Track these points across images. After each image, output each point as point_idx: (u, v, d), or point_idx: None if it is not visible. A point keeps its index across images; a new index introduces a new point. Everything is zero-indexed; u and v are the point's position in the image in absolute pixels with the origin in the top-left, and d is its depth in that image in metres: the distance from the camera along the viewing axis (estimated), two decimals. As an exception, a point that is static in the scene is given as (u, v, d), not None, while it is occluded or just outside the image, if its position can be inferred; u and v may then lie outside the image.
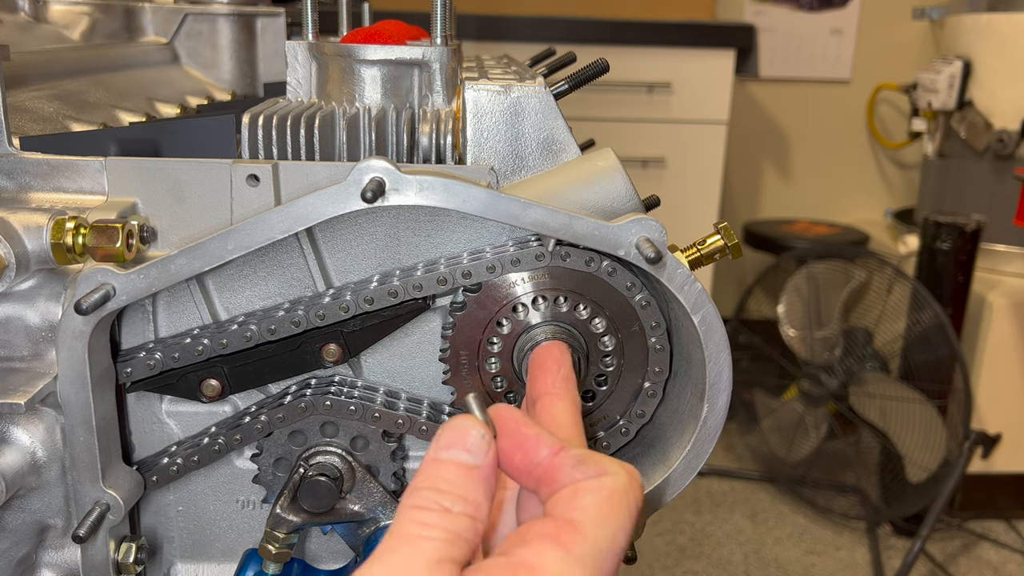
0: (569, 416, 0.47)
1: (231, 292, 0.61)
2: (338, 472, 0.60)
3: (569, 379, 0.50)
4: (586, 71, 0.66)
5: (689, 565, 2.15)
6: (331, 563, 0.67)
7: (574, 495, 0.39)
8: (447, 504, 0.37)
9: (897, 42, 3.11)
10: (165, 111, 0.93)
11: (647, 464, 0.62)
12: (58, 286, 0.58)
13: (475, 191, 0.54)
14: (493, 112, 0.60)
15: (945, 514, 2.29)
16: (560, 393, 0.48)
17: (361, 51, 0.67)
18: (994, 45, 2.35)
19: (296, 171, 0.57)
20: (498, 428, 0.41)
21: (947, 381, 2.16)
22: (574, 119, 0.67)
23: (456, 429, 0.39)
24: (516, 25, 2.38)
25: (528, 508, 0.43)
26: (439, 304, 0.62)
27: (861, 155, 3.24)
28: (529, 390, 0.50)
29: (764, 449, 2.50)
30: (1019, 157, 2.32)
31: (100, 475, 0.56)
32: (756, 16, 3.06)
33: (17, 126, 0.70)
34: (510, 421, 0.41)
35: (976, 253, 2.11)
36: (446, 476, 0.38)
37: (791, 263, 2.45)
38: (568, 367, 0.50)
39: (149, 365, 0.58)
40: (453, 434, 0.39)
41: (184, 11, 1.09)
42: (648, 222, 0.54)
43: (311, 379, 0.62)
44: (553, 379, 0.49)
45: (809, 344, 2.32)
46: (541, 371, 0.50)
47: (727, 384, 0.57)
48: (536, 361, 0.52)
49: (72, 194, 0.59)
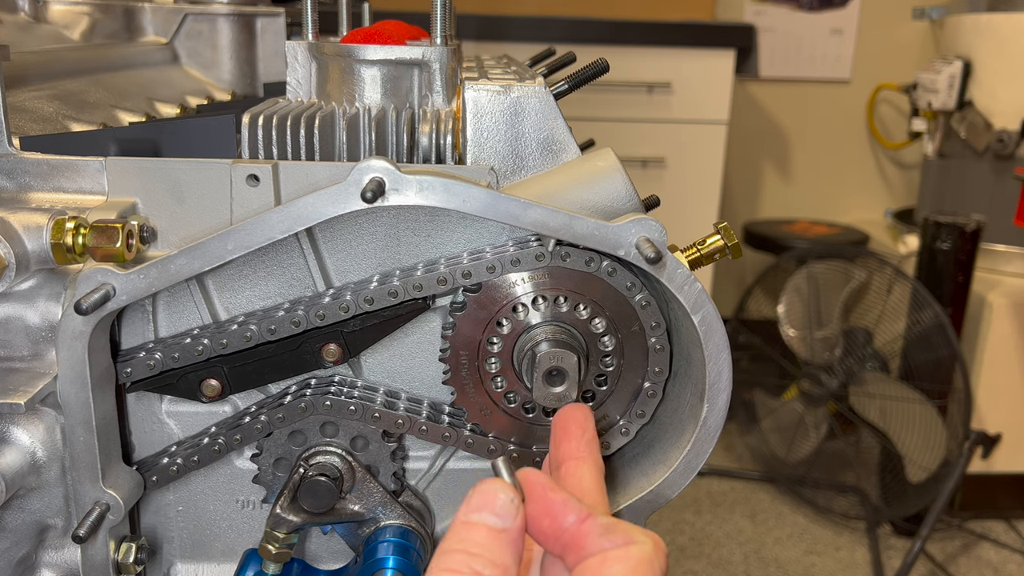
0: (594, 481, 0.47)
1: (231, 292, 0.61)
2: (338, 472, 0.60)
3: (593, 442, 0.50)
4: (586, 71, 0.66)
5: (689, 565, 2.15)
6: (331, 563, 0.67)
7: (602, 564, 0.39)
8: (478, 568, 0.38)
9: (897, 42, 3.11)
10: (165, 111, 0.93)
11: (647, 464, 0.62)
12: (58, 286, 0.58)
13: (475, 191, 0.54)
14: (493, 112, 0.60)
15: (945, 514, 2.29)
16: (585, 457, 0.49)
17: (361, 51, 0.67)
18: (994, 45, 2.35)
19: (296, 171, 0.57)
20: (526, 492, 0.41)
21: (947, 381, 2.16)
22: (574, 119, 0.67)
23: (485, 493, 0.40)
24: (516, 25, 2.38)
25: (553, 573, 0.43)
26: (439, 304, 0.62)
27: (861, 155, 3.24)
28: (553, 453, 0.51)
29: (764, 449, 2.50)
30: (1019, 157, 2.32)
31: (100, 475, 0.56)
32: (756, 16, 3.06)
33: (17, 126, 0.70)
34: (538, 486, 0.42)
35: (976, 253, 2.11)
36: (476, 539, 0.39)
37: (791, 263, 2.45)
38: (592, 430, 0.51)
39: (149, 365, 0.58)
40: (482, 498, 0.40)
41: (184, 11, 1.09)
42: (648, 222, 0.54)
43: (311, 379, 0.62)
44: (578, 443, 0.50)
45: (809, 344, 2.32)
46: (565, 434, 0.50)
47: (727, 384, 0.57)
48: (560, 424, 0.52)
49: (72, 194, 0.59)
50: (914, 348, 2.18)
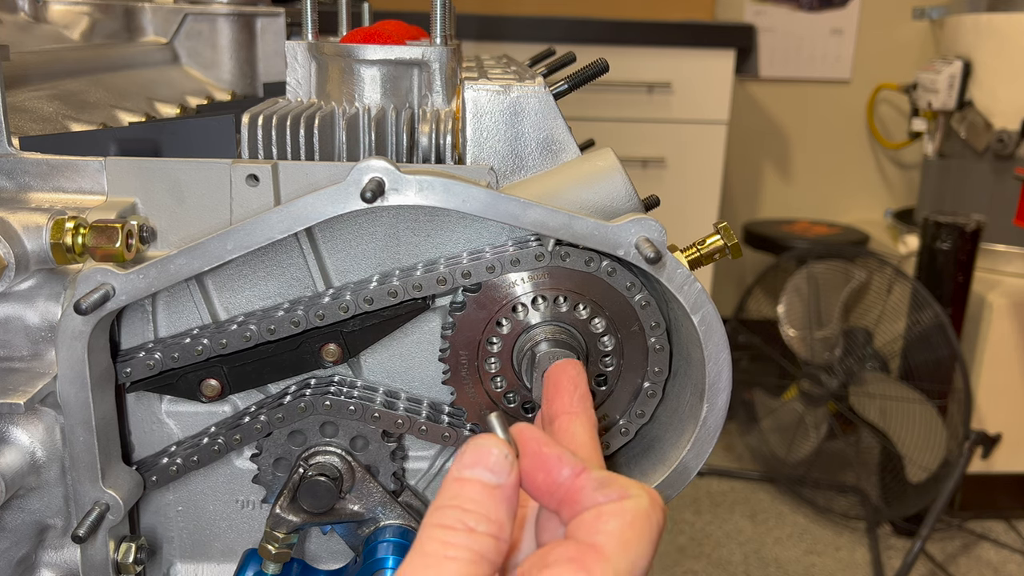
0: (588, 436, 0.47)
1: (231, 292, 0.61)
2: (338, 472, 0.60)
3: (586, 398, 0.49)
4: (586, 71, 0.66)
5: (689, 565, 2.15)
6: (331, 563, 0.67)
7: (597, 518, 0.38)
8: (471, 523, 0.37)
9: (897, 42, 3.11)
10: (165, 111, 0.93)
11: (647, 464, 0.62)
12: (58, 286, 0.58)
13: (475, 191, 0.54)
14: (493, 112, 0.60)
15: (945, 514, 2.29)
16: (578, 412, 0.48)
17: (361, 51, 0.67)
18: (994, 45, 2.35)
19: (296, 171, 0.57)
20: (520, 448, 0.41)
21: (947, 381, 2.15)
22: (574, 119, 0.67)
23: (478, 448, 0.39)
24: (516, 25, 2.38)
25: (548, 528, 0.43)
26: (439, 304, 0.62)
27: (861, 155, 3.24)
28: (545, 409, 0.50)
29: (764, 449, 2.50)
30: (1019, 157, 2.32)
31: (100, 475, 0.56)
32: (756, 16, 3.06)
33: (17, 126, 0.70)
34: (532, 441, 0.41)
35: (976, 253, 2.11)
36: (470, 495, 0.38)
37: (791, 263, 2.45)
38: (584, 386, 0.50)
39: (149, 365, 0.58)
40: (476, 453, 0.39)
41: (184, 11, 1.09)
42: (648, 222, 0.54)
43: (311, 379, 0.62)
44: (570, 398, 0.49)
45: (809, 344, 2.32)
46: (557, 390, 0.50)
47: (727, 384, 0.57)
48: (551, 380, 0.51)
49: (72, 194, 0.59)
50: (914, 348, 2.18)
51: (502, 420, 0.41)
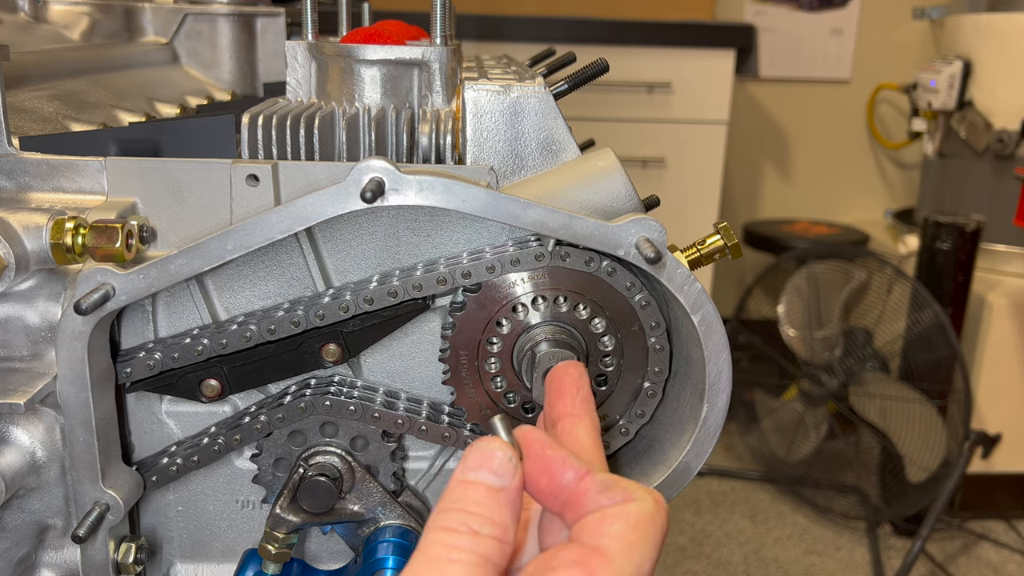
0: (591, 438, 0.47)
1: (231, 292, 0.61)
2: (338, 472, 0.60)
3: (588, 400, 0.49)
4: (586, 71, 0.66)
5: (689, 565, 2.15)
6: (331, 563, 0.67)
7: (601, 522, 0.38)
8: (475, 526, 0.37)
9: (897, 42, 3.11)
10: (165, 111, 0.93)
11: (647, 464, 0.62)
12: (58, 286, 0.58)
13: (475, 191, 0.54)
14: (493, 112, 0.60)
15: (945, 514, 2.29)
16: (581, 414, 0.48)
17: (361, 51, 0.67)
18: (994, 45, 2.35)
19: (296, 171, 0.57)
20: (524, 450, 0.41)
21: (947, 381, 2.15)
22: (574, 119, 0.67)
23: (483, 451, 0.39)
24: (516, 25, 2.38)
25: (551, 531, 0.43)
26: (439, 304, 0.62)
27: (861, 155, 3.24)
28: (548, 411, 0.50)
29: (764, 449, 2.50)
30: (1019, 157, 2.32)
31: (100, 475, 0.56)
32: (756, 16, 3.06)
33: (17, 126, 0.70)
34: (536, 444, 0.41)
35: (976, 253, 2.11)
36: (474, 498, 0.38)
37: (791, 263, 2.45)
38: (587, 388, 0.50)
39: (149, 365, 0.58)
40: (480, 456, 0.39)
41: (184, 11, 1.09)
42: (648, 222, 0.54)
43: (311, 379, 0.62)
44: (573, 400, 0.49)
45: (809, 344, 2.32)
46: (559, 392, 0.50)
47: (727, 384, 0.57)
48: (553, 382, 0.51)
49: (72, 194, 0.59)
50: (914, 348, 2.18)
51: (506, 423, 0.41)
